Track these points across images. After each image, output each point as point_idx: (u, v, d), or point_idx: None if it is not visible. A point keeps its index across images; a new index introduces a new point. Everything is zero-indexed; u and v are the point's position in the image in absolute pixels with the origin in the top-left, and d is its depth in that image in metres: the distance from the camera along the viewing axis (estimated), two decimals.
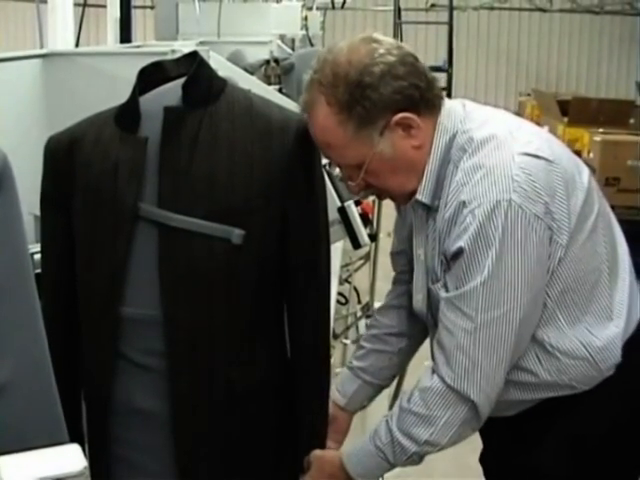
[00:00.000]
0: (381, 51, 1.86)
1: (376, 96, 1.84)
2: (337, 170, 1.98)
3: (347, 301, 5.95)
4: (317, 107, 1.88)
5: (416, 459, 1.98)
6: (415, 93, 1.88)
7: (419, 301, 2.08)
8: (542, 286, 1.87)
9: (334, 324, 4.96)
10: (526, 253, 1.81)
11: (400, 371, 2.47)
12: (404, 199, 2.02)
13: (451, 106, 1.97)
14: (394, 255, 2.29)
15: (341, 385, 2.30)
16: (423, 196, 1.94)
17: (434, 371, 1.92)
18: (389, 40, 1.92)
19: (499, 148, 1.86)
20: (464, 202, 1.83)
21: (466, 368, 1.86)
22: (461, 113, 1.95)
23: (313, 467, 2.08)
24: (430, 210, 1.96)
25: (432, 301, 2.01)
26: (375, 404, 2.49)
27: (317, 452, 2.08)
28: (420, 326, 2.20)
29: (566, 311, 1.92)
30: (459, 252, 1.83)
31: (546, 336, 1.92)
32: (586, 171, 2.00)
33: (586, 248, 1.91)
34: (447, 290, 1.90)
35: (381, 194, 2.06)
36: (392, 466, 1.99)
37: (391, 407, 2.04)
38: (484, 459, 2.24)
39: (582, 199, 1.91)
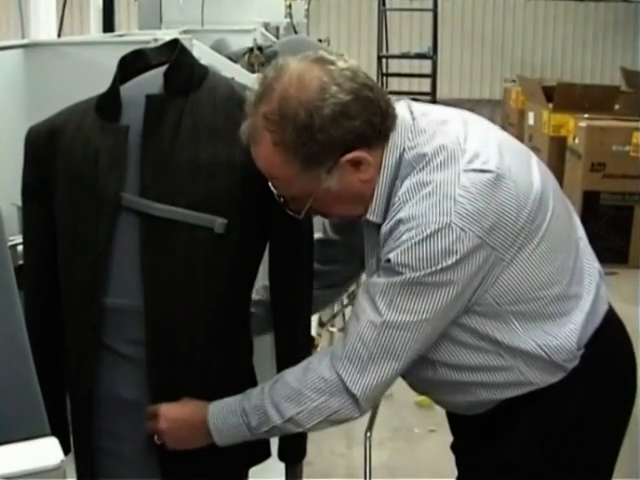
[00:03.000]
0: (334, 89, 1.75)
1: (325, 138, 1.75)
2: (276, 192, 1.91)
3: None
4: (261, 142, 1.79)
5: (276, 434, 1.95)
6: (368, 130, 1.79)
7: None
8: (463, 306, 1.83)
9: (321, 313, 4.97)
10: (460, 275, 1.75)
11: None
12: (352, 220, 1.98)
13: (400, 116, 1.87)
14: (324, 241, 2.23)
15: None
16: (374, 216, 1.88)
17: (330, 357, 1.87)
18: (344, 67, 1.79)
19: (445, 164, 1.78)
20: (402, 219, 1.77)
21: (361, 359, 1.82)
22: (409, 124, 1.87)
23: (171, 413, 1.95)
24: (381, 226, 1.89)
25: None
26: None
27: (169, 405, 1.96)
28: None
29: (522, 318, 1.88)
30: (387, 261, 1.78)
31: (503, 338, 1.89)
32: (539, 174, 1.91)
33: (536, 256, 1.85)
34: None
35: (325, 216, 2.03)
36: (251, 435, 1.92)
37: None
38: (456, 449, 2.24)
39: (534, 210, 1.83)
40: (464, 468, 2.20)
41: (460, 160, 1.79)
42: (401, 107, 1.91)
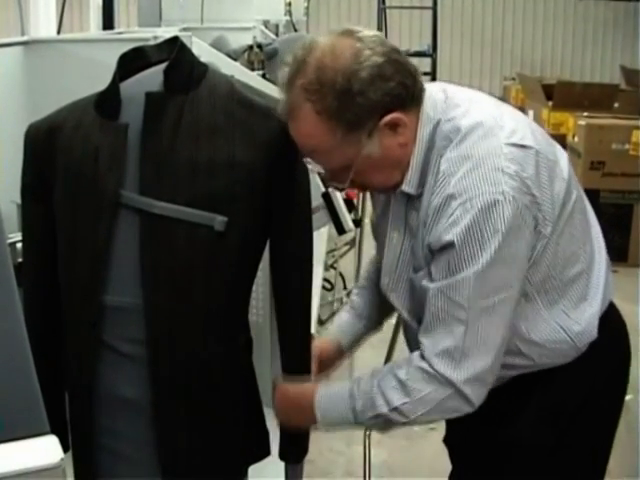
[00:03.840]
0: (367, 52, 1.79)
1: (364, 101, 1.79)
2: (315, 168, 1.93)
3: (333, 287, 5.96)
4: (303, 114, 1.82)
5: (380, 423, 1.97)
6: (403, 92, 1.83)
7: (385, 284, 2.07)
8: (524, 276, 1.87)
9: (320, 310, 4.98)
10: (517, 245, 1.80)
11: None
12: (387, 191, 2.01)
13: (432, 93, 1.93)
14: (372, 224, 2.28)
15: (339, 327, 2.34)
16: (409, 187, 1.92)
17: (423, 356, 1.90)
18: (370, 34, 1.85)
19: (486, 137, 1.83)
20: (453, 194, 1.80)
21: (455, 358, 1.85)
22: (442, 99, 1.93)
23: (285, 391, 2.08)
24: (411, 198, 1.95)
25: (413, 291, 1.99)
26: None
27: (290, 383, 2.07)
28: None
29: (545, 295, 1.94)
30: (448, 245, 1.81)
31: (524, 321, 1.93)
32: (565, 157, 1.99)
33: (565, 234, 1.91)
34: (432, 280, 1.88)
35: (364, 188, 2.06)
36: (355, 420, 1.96)
37: None
38: (450, 440, 2.25)
39: (564, 187, 1.90)
40: (465, 452, 2.21)
41: (499, 134, 1.84)
42: (434, 85, 1.98)
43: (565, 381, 2.01)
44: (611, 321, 2.06)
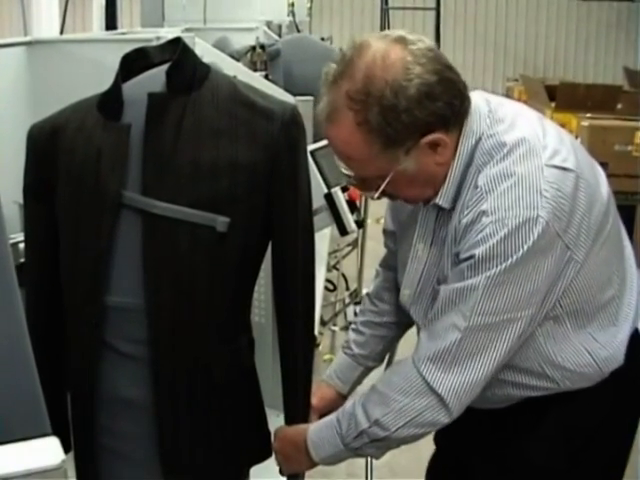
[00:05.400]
0: (418, 69, 1.73)
1: (409, 119, 1.74)
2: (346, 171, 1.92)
3: (335, 288, 5.96)
4: (343, 121, 1.78)
5: (366, 442, 1.92)
6: (449, 112, 1.78)
7: (405, 295, 2.05)
8: (543, 304, 1.82)
9: (322, 311, 4.98)
10: (535, 268, 1.75)
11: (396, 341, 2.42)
12: (418, 203, 1.98)
13: (476, 104, 1.88)
14: (387, 232, 2.25)
15: (341, 373, 2.30)
16: (443, 201, 1.88)
17: (412, 359, 1.88)
18: (424, 47, 1.78)
19: (527, 157, 1.78)
20: (486, 211, 1.76)
21: (445, 362, 1.82)
22: (486, 112, 1.87)
23: (284, 432, 2.09)
24: (441, 211, 1.91)
25: (435, 305, 1.92)
26: None
27: (285, 426, 2.09)
28: None
29: (575, 319, 1.89)
30: (470, 258, 1.77)
31: (552, 344, 1.90)
32: (604, 178, 1.94)
33: (599, 258, 1.86)
34: (446, 284, 1.86)
35: (393, 198, 2.01)
36: (343, 445, 1.94)
37: None
38: (441, 440, 2.24)
39: (602, 212, 1.86)
40: (482, 463, 2.17)
41: (542, 154, 1.79)
42: (477, 95, 1.92)
43: (582, 403, 1.96)
44: (635, 346, 1.99)
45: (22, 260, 2.07)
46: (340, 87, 1.77)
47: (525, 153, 1.79)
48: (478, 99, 1.91)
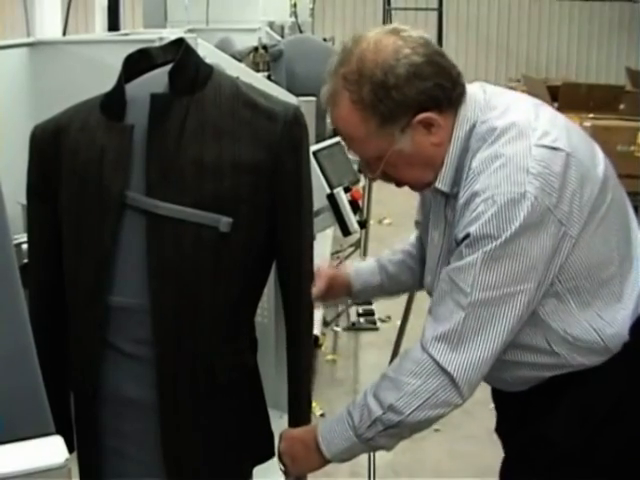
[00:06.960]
0: (406, 51, 1.87)
1: (399, 97, 1.86)
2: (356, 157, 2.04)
3: None
4: (341, 101, 1.91)
5: (379, 430, 1.93)
6: (439, 93, 1.89)
7: (428, 283, 2.11)
8: (542, 279, 1.87)
9: (325, 312, 4.98)
10: (530, 243, 1.81)
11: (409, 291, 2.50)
12: (422, 188, 2.07)
13: (472, 93, 1.98)
14: (417, 224, 2.36)
15: (361, 269, 2.42)
16: (442, 184, 1.97)
17: (421, 343, 1.91)
18: (416, 35, 1.92)
19: (517, 138, 1.86)
20: (477, 192, 1.84)
21: (453, 342, 1.86)
22: (481, 101, 1.97)
23: (290, 433, 2.09)
24: (449, 197, 1.99)
25: None
26: None
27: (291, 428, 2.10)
28: None
29: (577, 296, 1.94)
30: (467, 237, 1.84)
31: (558, 321, 1.94)
32: (602, 161, 1.99)
33: (597, 237, 1.91)
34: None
35: (399, 183, 2.08)
36: (356, 437, 1.95)
37: None
38: (499, 430, 2.26)
39: (596, 191, 1.91)
40: (509, 445, 2.21)
41: (531, 136, 1.87)
42: (475, 86, 2.03)
43: (596, 383, 2.00)
44: None
45: (25, 261, 2.08)
46: (338, 73, 1.92)
47: (515, 135, 1.87)
48: (475, 88, 2.02)
